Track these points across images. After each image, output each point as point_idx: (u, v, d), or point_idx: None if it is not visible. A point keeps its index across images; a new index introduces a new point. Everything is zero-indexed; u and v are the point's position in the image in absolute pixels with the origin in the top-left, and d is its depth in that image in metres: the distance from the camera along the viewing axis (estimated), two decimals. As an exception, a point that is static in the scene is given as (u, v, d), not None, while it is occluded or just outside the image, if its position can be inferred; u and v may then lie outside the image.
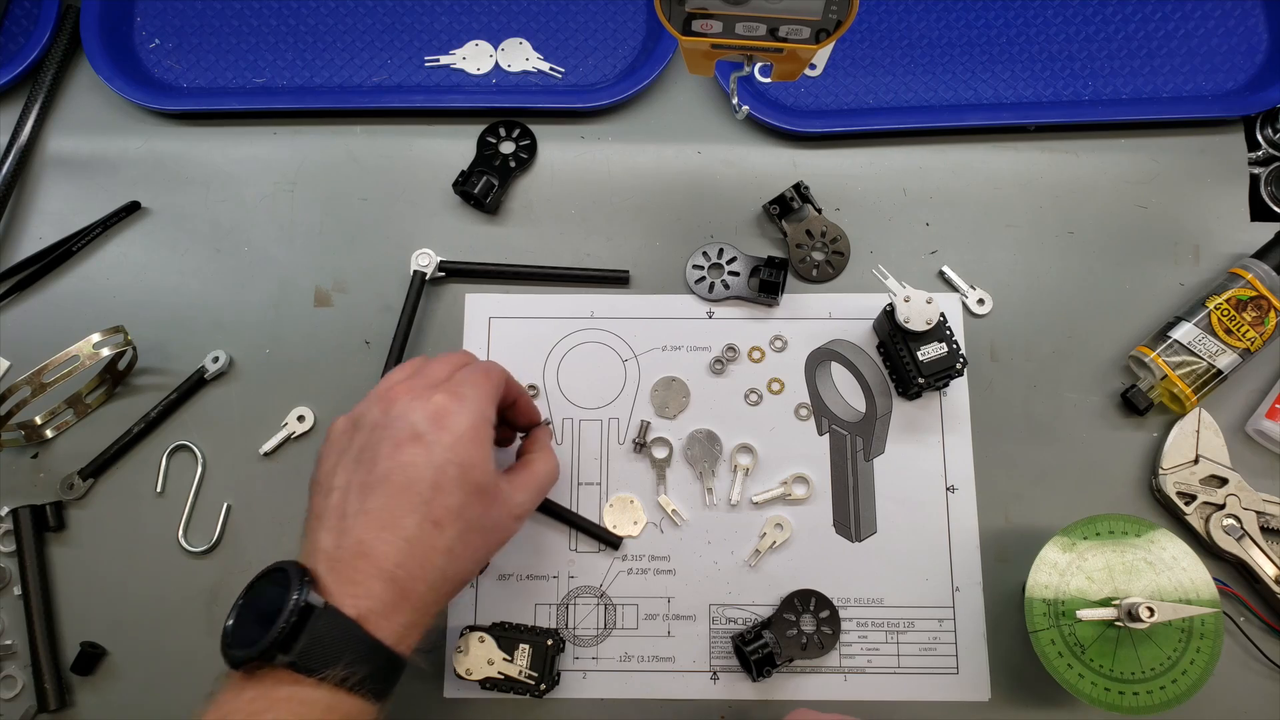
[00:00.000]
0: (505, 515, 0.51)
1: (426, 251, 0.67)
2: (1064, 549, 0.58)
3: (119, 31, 0.73)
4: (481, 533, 0.49)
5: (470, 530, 0.48)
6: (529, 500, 0.53)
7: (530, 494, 0.53)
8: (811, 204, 0.68)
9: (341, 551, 0.46)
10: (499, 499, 0.50)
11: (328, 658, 0.42)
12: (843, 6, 0.47)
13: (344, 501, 0.48)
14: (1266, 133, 0.70)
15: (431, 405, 0.49)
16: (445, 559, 0.47)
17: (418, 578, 0.46)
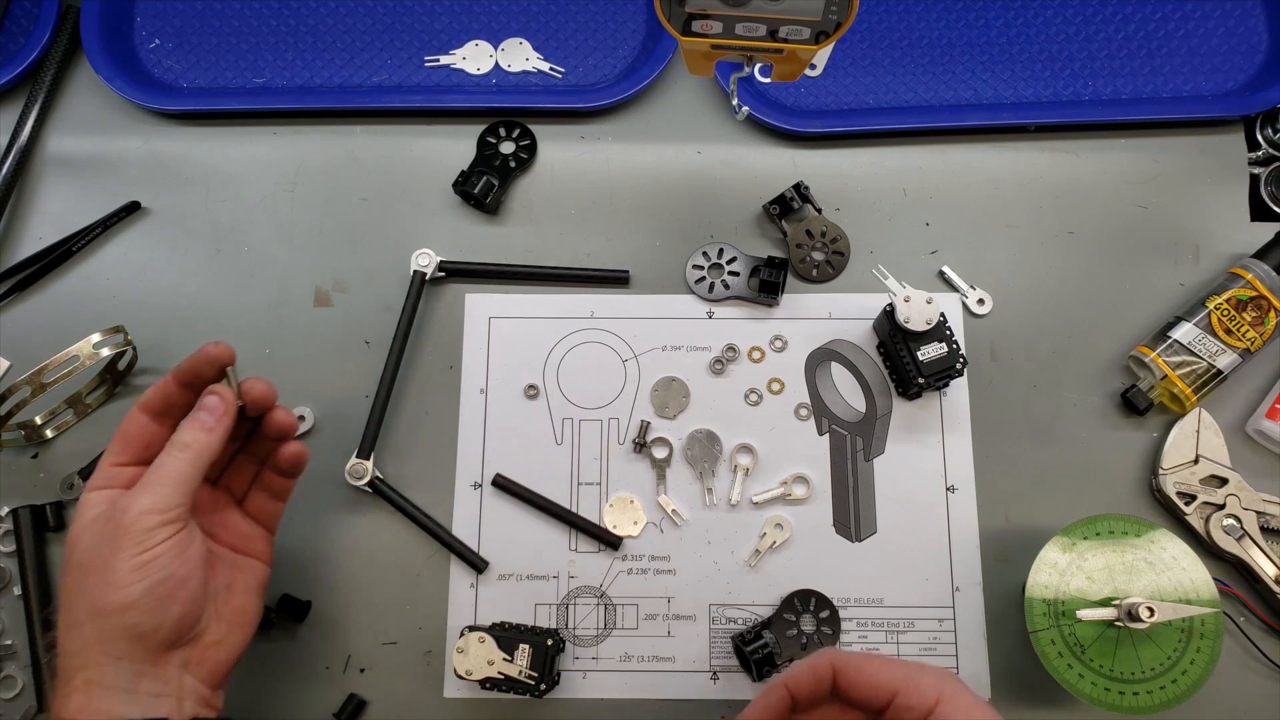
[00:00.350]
0: (101, 529, 0.47)
1: (426, 251, 0.67)
2: (1064, 549, 0.58)
3: (119, 31, 0.73)
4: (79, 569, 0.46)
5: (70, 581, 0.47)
6: (136, 491, 0.47)
7: (138, 487, 0.48)
8: (811, 204, 0.68)
9: None
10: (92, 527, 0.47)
11: None
12: (843, 7, 0.47)
13: None
14: (1266, 133, 0.70)
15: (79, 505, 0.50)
16: (63, 619, 0.46)
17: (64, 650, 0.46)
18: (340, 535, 0.64)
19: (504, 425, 0.65)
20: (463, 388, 0.66)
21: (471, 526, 0.64)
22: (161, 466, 0.48)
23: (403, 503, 0.63)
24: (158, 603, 0.46)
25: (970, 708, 0.43)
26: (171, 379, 0.51)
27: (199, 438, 0.49)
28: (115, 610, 0.45)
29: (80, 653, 0.45)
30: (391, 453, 0.65)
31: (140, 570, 0.45)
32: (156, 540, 0.46)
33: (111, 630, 0.45)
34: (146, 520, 0.46)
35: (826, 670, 0.46)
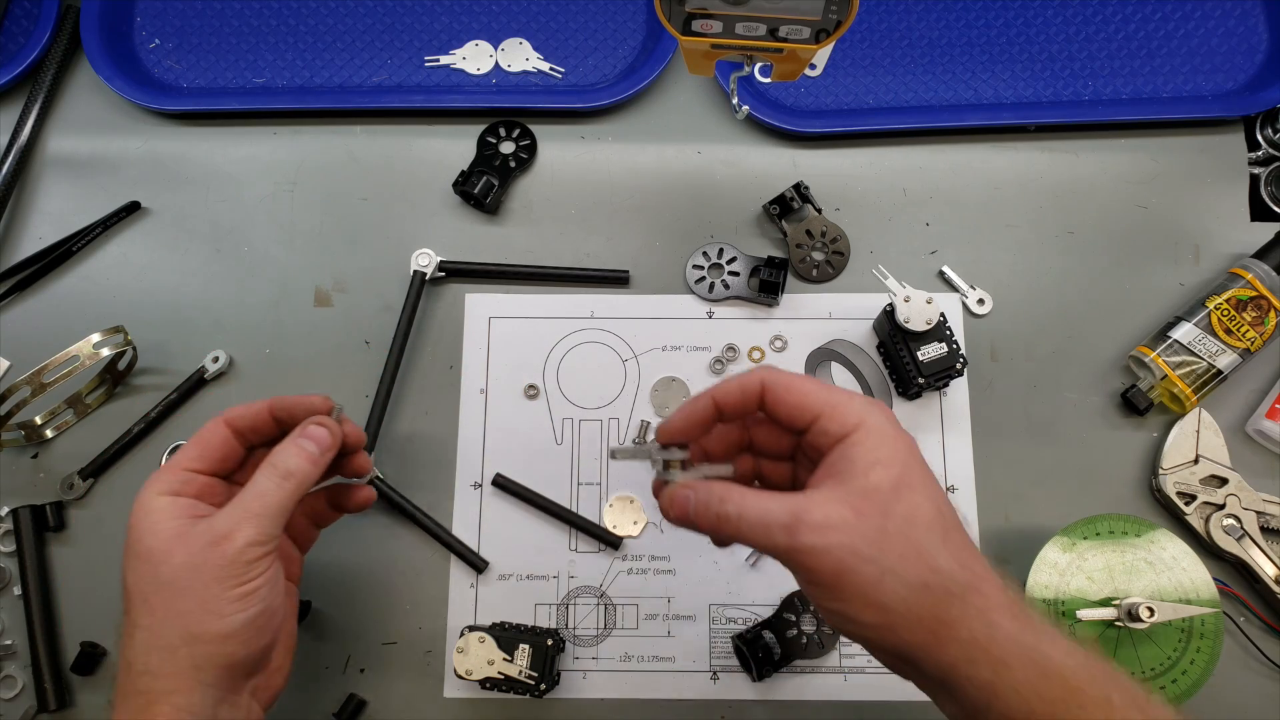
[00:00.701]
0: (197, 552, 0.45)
1: (426, 251, 0.67)
2: (1064, 549, 0.58)
3: (119, 31, 0.73)
4: (166, 587, 0.44)
5: (150, 594, 0.45)
6: (236, 519, 0.45)
7: (237, 514, 0.46)
8: (811, 204, 0.68)
9: None
10: (180, 546, 0.45)
11: None
12: (843, 7, 0.47)
13: None
14: (1266, 133, 0.70)
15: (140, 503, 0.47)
16: (139, 634, 0.45)
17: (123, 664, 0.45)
18: (340, 535, 0.64)
19: (504, 425, 0.65)
20: (463, 388, 0.66)
21: (471, 526, 0.64)
22: (264, 495, 0.46)
23: (403, 503, 0.63)
24: (255, 633, 0.45)
25: (887, 437, 0.41)
26: (266, 408, 0.50)
27: (303, 468, 0.47)
28: (215, 639, 0.44)
29: (172, 676, 0.44)
30: (391, 453, 0.65)
31: (242, 601, 0.44)
32: (258, 572, 0.45)
33: (207, 657, 0.44)
34: (251, 553, 0.45)
35: (755, 385, 0.44)
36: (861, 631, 0.40)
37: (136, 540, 0.45)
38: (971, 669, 0.38)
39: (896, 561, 0.38)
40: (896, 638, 0.39)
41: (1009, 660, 0.38)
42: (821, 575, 0.39)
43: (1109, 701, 0.38)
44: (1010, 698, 0.38)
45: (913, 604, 0.38)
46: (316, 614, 0.62)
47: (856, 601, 0.39)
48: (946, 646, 0.38)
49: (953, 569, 0.39)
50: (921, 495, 0.40)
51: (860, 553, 0.38)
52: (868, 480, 0.40)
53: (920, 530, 0.39)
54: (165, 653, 0.44)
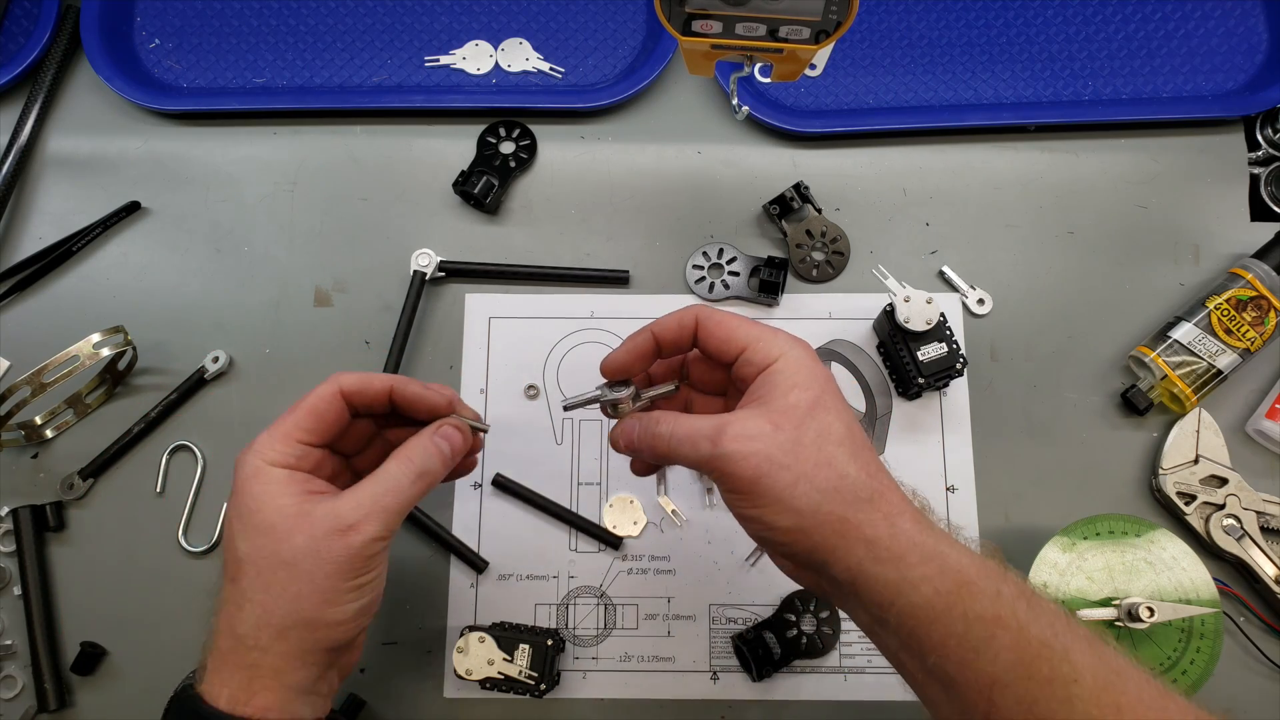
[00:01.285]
0: (320, 538, 0.44)
1: (426, 251, 0.67)
2: (1064, 549, 0.58)
3: (119, 31, 0.73)
4: (285, 567, 0.44)
5: (266, 570, 0.44)
6: (365, 511, 0.44)
7: (365, 505, 0.45)
8: (811, 204, 0.68)
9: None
10: (302, 527, 0.44)
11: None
12: (843, 7, 0.47)
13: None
14: (1266, 133, 0.70)
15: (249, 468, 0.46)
16: (251, 608, 0.44)
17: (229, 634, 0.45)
18: (340, 535, 0.64)
19: (504, 425, 0.65)
20: (463, 388, 0.66)
21: (471, 526, 0.64)
22: (398, 491, 0.45)
23: (403, 503, 0.63)
24: (364, 618, 0.46)
25: (805, 366, 0.44)
26: (388, 389, 0.49)
27: (435, 468, 0.47)
28: (327, 625, 0.44)
29: (282, 655, 0.44)
30: (391, 453, 0.65)
31: (357, 591, 0.45)
32: (376, 564, 0.45)
33: (315, 641, 0.44)
34: (374, 547, 0.45)
35: (690, 320, 0.48)
36: (776, 536, 0.42)
37: (253, 511, 0.44)
38: (876, 566, 0.41)
39: (810, 469, 0.42)
40: (808, 540, 0.42)
41: (909, 557, 0.41)
42: (741, 481, 0.42)
43: (999, 594, 0.40)
44: (910, 592, 0.40)
45: (823, 508, 0.41)
46: (316, 614, 0.62)
47: (772, 506, 0.42)
48: (853, 547, 0.41)
49: (861, 477, 0.42)
50: (834, 415, 0.44)
51: (776, 460, 0.42)
52: (786, 400, 0.43)
53: (832, 444, 0.43)
54: (276, 631, 0.44)
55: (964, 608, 0.40)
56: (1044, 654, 0.39)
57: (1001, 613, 0.40)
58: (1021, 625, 0.39)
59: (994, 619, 0.39)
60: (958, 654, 0.40)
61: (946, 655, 0.40)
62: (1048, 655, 0.39)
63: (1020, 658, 0.39)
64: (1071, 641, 0.40)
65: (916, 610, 0.40)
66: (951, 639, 0.40)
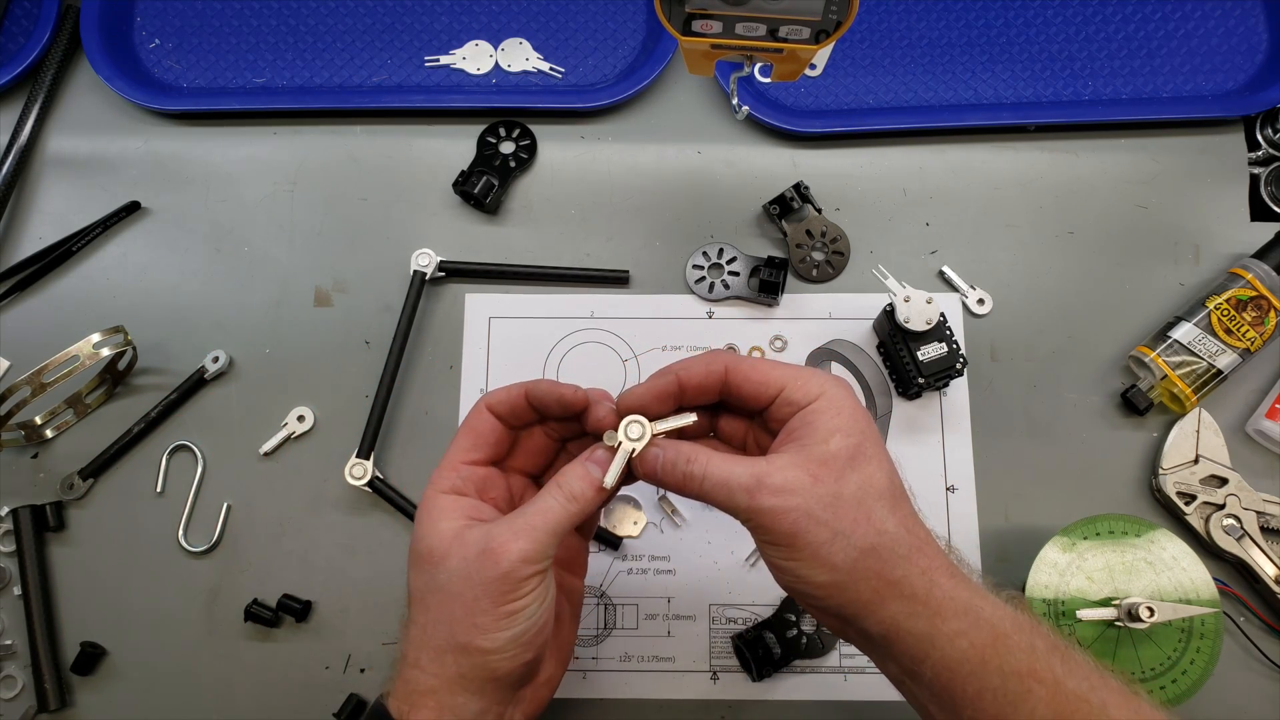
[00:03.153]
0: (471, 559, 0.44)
1: (426, 251, 0.67)
2: (1064, 549, 0.58)
3: (119, 31, 0.73)
4: (440, 590, 0.44)
5: (426, 594, 0.45)
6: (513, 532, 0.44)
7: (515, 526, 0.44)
8: (811, 204, 0.68)
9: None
10: (456, 550, 0.44)
11: None
12: (843, 7, 0.47)
13: None
14: (1266, 133, 0.70)
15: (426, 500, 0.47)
16: (414, 629, 0.45)
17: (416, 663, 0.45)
18: (340, 535, 0.64)
19: (504, 425, 0.65)
20: (463, 388, 0.66)
21: (471, 526, 0.64)
22: (546, 512, 0.44)
23: (403, 502, 0.63)
24: (519, 650, 0.44)
25: (846, 408, 0.43)
26: (523, 394, 0.48)
27: (587, 493, 0.45)
28: (478, 652, 0.44)
29: (438, 677, 0.44)
30: (391, 453, 0.65)
31: (509, 618, 0.43)
32: (527, 590, 0.44)
33: (471, 667, 0.44)
34: (522, 570, 0.43)
35: (719, 365, 0.46)
36: (811, 590, 0.42)
37: (419, 539, 0.45)
38: (911, 622, 0.40)
39: (848, 525, 0.41)
40: (844, 596, 0.41)
41: (944, 612, 0.40)
42: (777, 535, 0.41)
43: (1034, 648, 0.40)
44: (945, 647, 0.40)
45: (860, 564, 0.41)
46: (316, 614, 0.62)
47: (809, 561, 0.41)
48: (888, 603, 0.41)
49: (900, 533, 0.41)
50: (875, 466, 0.42)
51: (815, 516, 0.40)
52: (827, 447, 0.42)
53: (872, 498, 0.41)
54: (433, 654, 0.44)
55: (999, 662, 0.39)
56: (1081, 709, 0.39)
57: (1037, 667, 0.39)
58: (1057, 680, 0.39)
59: (1029, 673, 0.39)
60: (993, 709, 0.39)
61: (981, 710, 0.39)
62: (1085, 710, 0.39)
63: (1057, 713, 0.39)
64: (1108, 696, 0.39)
65: (951, 665, 0.40)
66: (987, 693, 0.39)
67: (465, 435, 0.48)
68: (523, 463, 0.50)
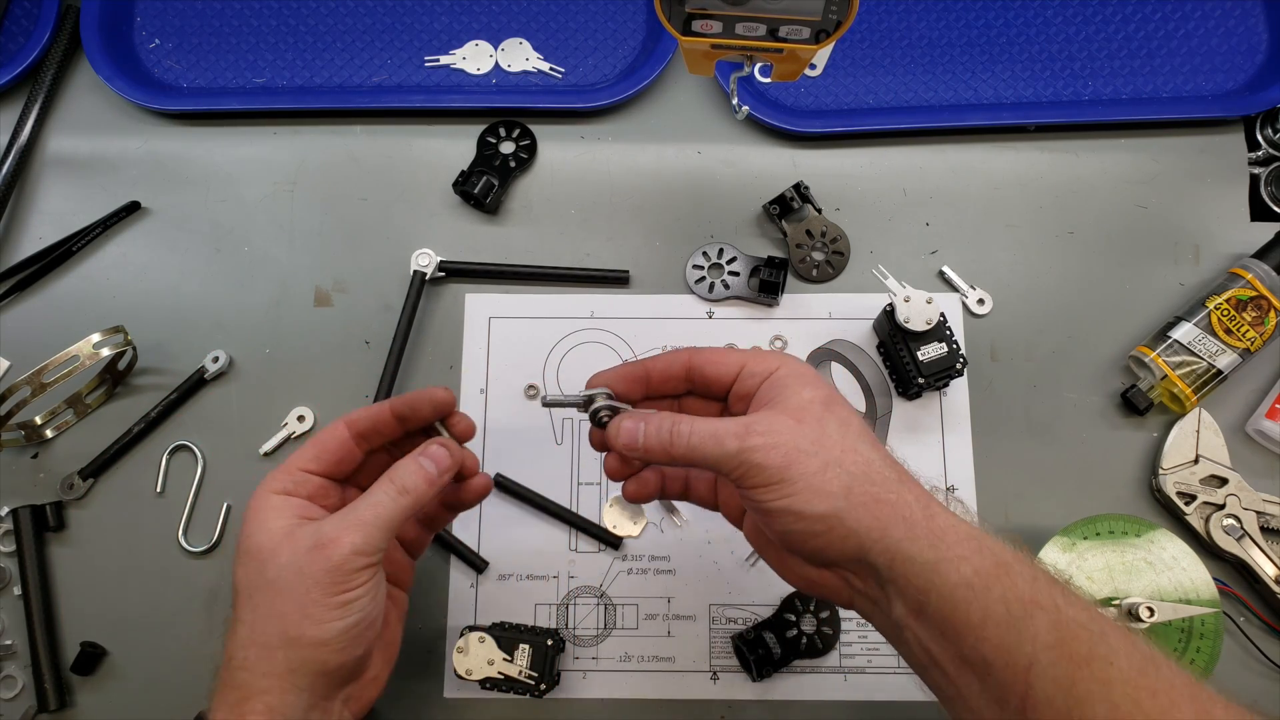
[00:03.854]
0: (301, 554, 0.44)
1: (426, 251, 0.67)
2: (1064, 549, 0.58)
3: (119, 31, 0.73)
4: (269, 586, 0.45)
5: (255, 591, 0.45)
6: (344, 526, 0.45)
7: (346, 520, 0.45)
8: (811, 204, 0.68)
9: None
10: (286, 546, 0.45)
11: None
12: (843, 7, 0.47)
13: None
14: (1266, 133, 0.70)
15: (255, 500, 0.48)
16: (241, 629, 0.45)
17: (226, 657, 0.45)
18: (340, 535, 0.64)
19: (504, 425, 0.65)
20: (463, 388, 0.66)
21: (471, 526, 0.64)
22: (376, 505, 0.46)
23: (403, 503, 0.63)
24: (350, 642, 0.45)
25: (807, 371, 0.46)
26: (388, 409, 0.50)
27: (420, 486, 0.47)
28: (310, 644, 0.44)
29: (267, 675, 0.44)
30: (391, 453, 0.65)
31: (340, 609, 0.44)
32: (359, 581, 0.45)
33: (301, 661, 0.44)
34: (354, 562, 0.44)
35: (683, 354, 0.49)
36: (809, 526, 0.42)
37: (247, 536, 0.46)
38: (914, 547, 0.41)
39: (837, 454, 0.42)
40: (844, 526, 0.41)
41: (946, 537, 0.41)
42: (770, 472, 0.42)
43: (1036, 578, 0.41)
44: (949, 572, 0.40)
45: (856, 490, 0.42)
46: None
47: (804, 492, 0.41)
48: (890, 528, 0.41)
49: (886, 464, 0.43)
50: (847, 410, 0.45)
51: (804, 448, 0.42)
52: (800, 397, 0.44)
53: (854, 435, 0.43)
54: (263, 651, 0.44)
55: (1002, 588, 0.40)
56: (1081, 635, 0.39)
57: (1039, 595, 0.40)
58: (1058, 607, 0.40)
59: (1032, 600, 0.40)
60: (996, 635, 0.39)
61: (984, 637, 0.40)
62: (1085, 636, 0.39)
63: (1059, 638, 0.39)
64: (1106, 625, 0.40)
65: (956, 590, 0.40)
66: (990, 620, 0.39)
67: (310, 446, 0.49)
68: (366, 481, 0.50)
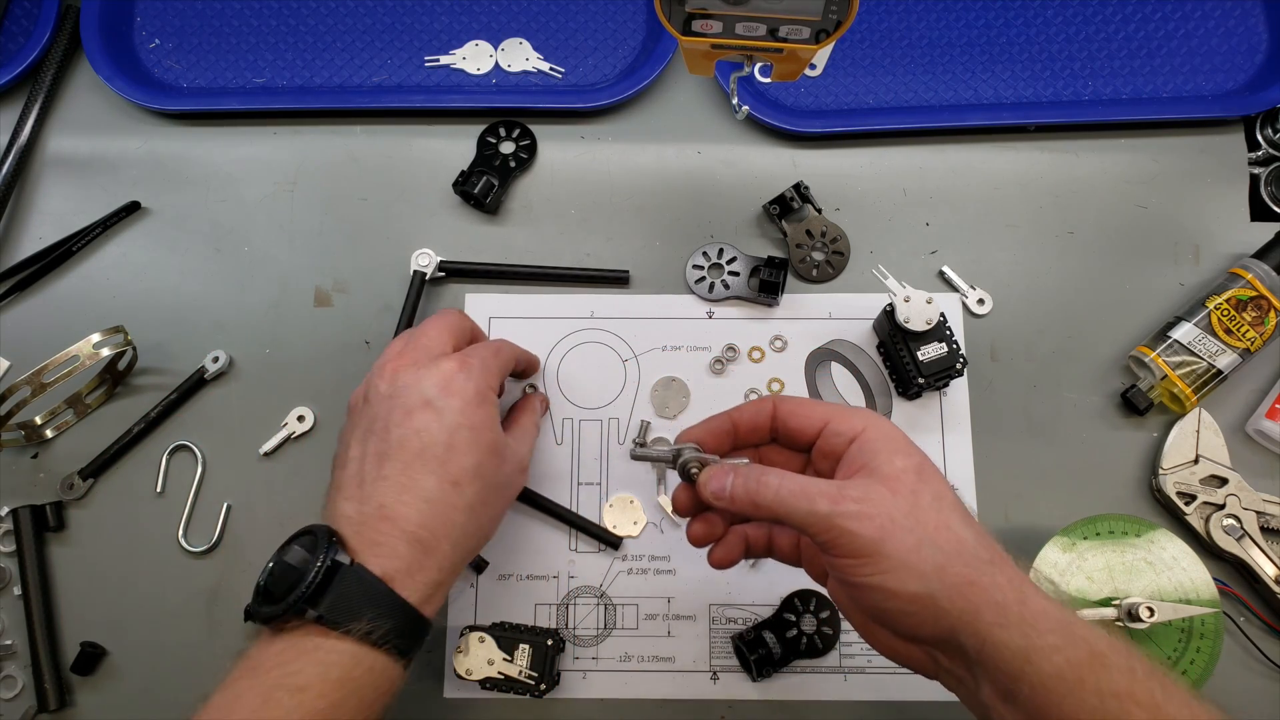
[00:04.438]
0: (514, 470, 0.54)
1: (426, 251, 0.67)
2: (1064, 549, 0.58)
3: (119, 31, 0.73)
4: (497, 489, 0.52)
5: (488, 488, 0.51)
6: (528, 453, 0.57)
7: (527, 446, 0.57)
8: (811, 204, 0.68)
9: (364, 516, 0.48)
10: (507, 456, 0.53)
11: (353, 612, 0.44)
12: (843, 7, 0.47)
13: (361, 470, 0.50)
14: (1266, 133, 0.70)
15: (439, 372, 0.51)
16: (466, 516, 0.49)
17: (441, 536, 0.48)
18: (340, 535, 0.64)
19: (504, 425, 0.65)
20: (463, 388, 0.66)
21: (471, 526, 0.64)
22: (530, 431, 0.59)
23: (403, 503, 0.63)
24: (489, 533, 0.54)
25: (896, 434, 0.45)
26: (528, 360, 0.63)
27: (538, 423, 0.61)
28: (475, 539, 0.52)
29: (454, 563, 0.50)
30: (391, 453, 0.65)
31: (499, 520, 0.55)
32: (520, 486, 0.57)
33: (469, 553, 0.52)
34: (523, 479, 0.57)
35: (767, 404, 0.49)
36: (900, 605, 0.41)
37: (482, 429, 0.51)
38: (1005, 634, 0.39)
39: (930, 532, 0.41)
40: (935, 606, 0.40)
41: (1039, 624, 0.40)
42: (862, 543, 0.41)
43: (1132, 670, 0.39)
44: (1041, 662, 0.39)
45: (948, 571, 0.40)
46: (316, 614, 0.62)
47: (898, 570, 0.40)
48: (982, 611, 0.40)
49: (979, 542, 0.42)
50: (940, 482, 0.44)
51: (899, 522, 0.41)
52: (893, 465, 0.43)
53: (947, 508, 0.42)
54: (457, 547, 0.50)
55: (1096, 681, 0.38)
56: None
57: (1136, 689, 0.38)
58: (1157, 704, 0.38)
59: (1128, 695, 0.38)
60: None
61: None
62: None
63: None
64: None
65: (1048, 681, 0.38)
66: (1084, 714, 0.38)
67: (511, 362, 0.59)
68: None
